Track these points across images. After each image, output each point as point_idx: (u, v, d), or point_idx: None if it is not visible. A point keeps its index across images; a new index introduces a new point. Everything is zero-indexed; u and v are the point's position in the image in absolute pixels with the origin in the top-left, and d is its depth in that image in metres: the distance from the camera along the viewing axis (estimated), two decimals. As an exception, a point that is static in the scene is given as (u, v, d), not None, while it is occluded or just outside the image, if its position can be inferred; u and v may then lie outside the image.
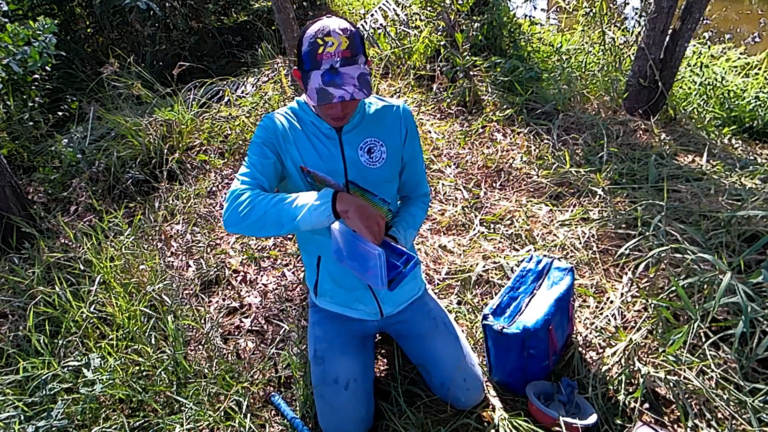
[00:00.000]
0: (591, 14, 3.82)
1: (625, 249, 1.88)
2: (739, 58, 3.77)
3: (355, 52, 1.16)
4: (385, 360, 1.73)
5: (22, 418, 1.51)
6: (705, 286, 1.61)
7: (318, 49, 1.14)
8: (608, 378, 1.51)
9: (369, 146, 1.34)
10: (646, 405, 1.44)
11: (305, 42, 1.17)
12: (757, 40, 5.59)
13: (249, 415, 1.50)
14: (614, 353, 1.56)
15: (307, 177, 1.23)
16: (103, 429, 1.49)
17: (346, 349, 1.46)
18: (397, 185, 1.46)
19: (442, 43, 3.51)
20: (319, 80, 1.15)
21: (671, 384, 1.43)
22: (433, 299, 1.62)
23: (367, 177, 1.33)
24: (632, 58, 3.20)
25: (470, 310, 1.84)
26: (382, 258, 1.13)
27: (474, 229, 2.24)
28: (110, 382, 1.58)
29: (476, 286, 1.94)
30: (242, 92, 3.58)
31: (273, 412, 1.59)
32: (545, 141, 2.79)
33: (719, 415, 1.38)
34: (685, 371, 1.44)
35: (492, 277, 1.95)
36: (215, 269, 2.19)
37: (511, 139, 2.89)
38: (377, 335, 1.76)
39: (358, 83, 1.15)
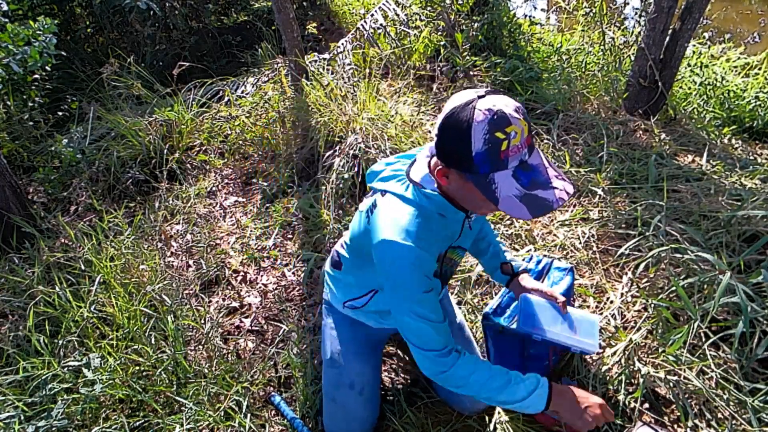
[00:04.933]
0: (591, 14, 3.82)
1: (625, 249, 1.88)
2: (739, 58, 3.77)
3: (531, 133, 0.95)
4: (386, 360, 1.73)
5: (22, 418, 1.51)
6: (705, 286, 1.61)
7: (501, 145, 0.90)
8: (608, 378, 1.51)
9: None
10: (646, 405, 1.44)
11: (476, 139, 0.90)
12: (757, 40, 5.59)
13: (249, 415, 1.50)
14: (614, 353, 1.56)
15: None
16: (103, 429, 1.49)
17: (362, 354, 1.45)
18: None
19: (442, 43, 3.51)
20: (516, 185, 0.92)
21: (671, 384, 1.43)
22: (451, 303, 1.61)
23: (467, 240, 1.29)
24: (632, 58, 3.20)
25: (470, 310, 1.83)
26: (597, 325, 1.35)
27: (474, 229, 2.24)
28: (110, 382, 1.58)
29: (476, 286, 1.94)
30: (242, 92, 3.58)
31: (273, 412, 1.59)
32: (545, 141, 2.79)
33: (719, 415, 1.38)
34: (685, 371, 1.44)
35: (492, 277, 1.95)
36: (215, 269, 2.19)
37: (511, 139, 2.88)
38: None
39: (556, 172, 0.96)
